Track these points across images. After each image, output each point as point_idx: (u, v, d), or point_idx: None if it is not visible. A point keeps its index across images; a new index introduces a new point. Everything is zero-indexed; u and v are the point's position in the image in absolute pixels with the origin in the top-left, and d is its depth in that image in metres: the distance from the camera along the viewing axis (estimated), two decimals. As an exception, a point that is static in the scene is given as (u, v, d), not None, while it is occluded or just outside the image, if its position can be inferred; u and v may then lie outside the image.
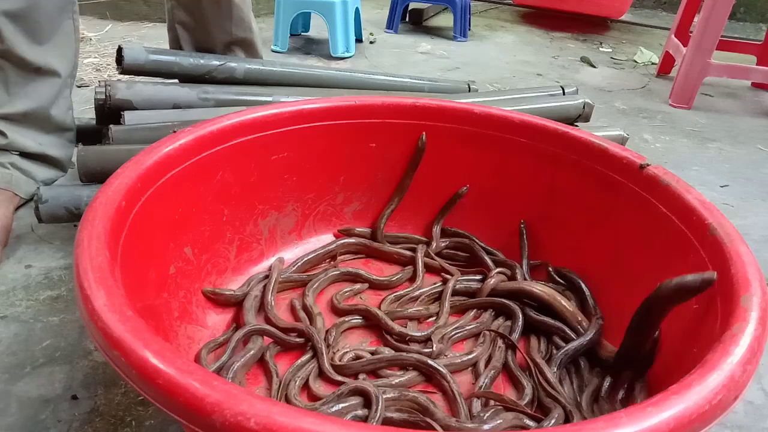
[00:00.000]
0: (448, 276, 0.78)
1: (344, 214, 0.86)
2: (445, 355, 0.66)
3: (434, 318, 0.72)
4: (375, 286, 0.78)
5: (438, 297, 0.76)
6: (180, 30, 1.12)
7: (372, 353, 0.65)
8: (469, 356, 0.65)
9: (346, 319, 0.70)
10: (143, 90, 0.99)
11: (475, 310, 0.73)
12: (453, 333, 0.69)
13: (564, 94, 1.19)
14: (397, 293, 0.75)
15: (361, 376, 0.62)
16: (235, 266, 0.75)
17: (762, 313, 0.46)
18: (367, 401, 0.55)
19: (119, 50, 1.02)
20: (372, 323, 0.70)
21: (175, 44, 1.14)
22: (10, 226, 0.87)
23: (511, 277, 0.76)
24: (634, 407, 0.37)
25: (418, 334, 0.67)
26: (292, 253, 0.81)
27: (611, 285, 0.72)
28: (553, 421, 0.55)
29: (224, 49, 1.13)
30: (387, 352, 0.65)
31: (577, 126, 0.96)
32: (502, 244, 0.83)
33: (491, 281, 0.74)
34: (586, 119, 1.14)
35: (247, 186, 0.75)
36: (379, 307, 0.72)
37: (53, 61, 0.93)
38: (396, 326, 0.67)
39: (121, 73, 1.05)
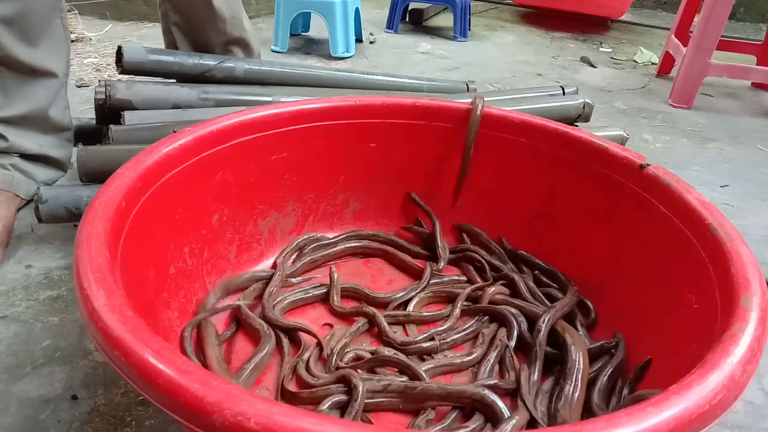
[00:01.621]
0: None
1: (344, 214, 0.86)
2: (445, 356, 0.66)
3: (444, 319, 0.72)
4: (373, 302, 0.75)
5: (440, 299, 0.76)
6: (176, 32, 1.12)
7: (372, 353, 0.65)
8: (469, 357, 0.65)
9: (354, 329, 0.69)
10: (143, 90, 0.99)
11: (477, 317, 0.73)
12: (454, 334, 0.69)
13: (564, 94, 1.19)
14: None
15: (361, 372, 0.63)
16: (235, 266, 0.75)
17: (762, 313, 0.46)
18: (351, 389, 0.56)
19: (119, 50, 1.02)
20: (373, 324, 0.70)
21: (172, 47, 1.14)
22: (12, 227, 0.87)
23: (512, 288, 0.76)
24: (634, 407, 0.37)
25: (420, 337, 0.67)
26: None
27: (611, 285, 0.72)
28: (512, 423, 0.54)
29: (222, 49, 1.13)
30: (387, 352, 0.65)
31: (577, 126, 0.96)
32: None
33: (491, 290, 0.74)
34: (586, 119, 1.14)
35: (247, 186, 0.75)
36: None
37: (48, 61, 0.93)
38: (398, 336, 0.67)
39: (120, 72, 1.05)
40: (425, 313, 0.72)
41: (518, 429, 0.53)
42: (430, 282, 0.77)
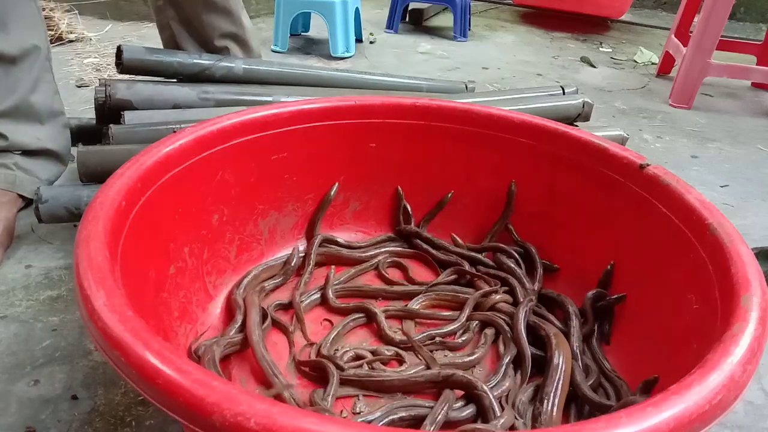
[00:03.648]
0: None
1: (344, 214, 0.86)
2: (445, 356, 0.66)
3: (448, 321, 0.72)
4: (371, 295, 0.76)
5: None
6: (175, 26, 1.11)
7: (372, 353, 0.65)
8: (470, 357, 0.65)
9: (340, 327, 0.69)
10: (143, 90, 0.99)
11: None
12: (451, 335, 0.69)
13: (564, 93, 1.19)
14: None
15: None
16: (235, 266, 0.75)
17: (762, 313, 0.46)
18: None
19: (119, 49, 1.02)
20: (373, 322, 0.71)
21: (171, 43, 1.13)
22: (13, 228, 0.87)
23: (512, 294, 0.75)
24: (634, 407, 0.37)
25: (418, 336, 0.67)
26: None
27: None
28: (500, 423, 0.54)
29: (217, 44, 1.13)
30: (387, 351, 0.65)
31: (576, 126, 0.96)
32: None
33: (496, 297, 0.73)
34: (586, 119, 1.14)
35: (247, 186, 0.75)
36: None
37: (26, 44, 0.91)
38: (396, 336, 0.67)
39: (120, 72, 1.05)
40: (442, 313, 0.72)
41: (504, 429, 0.54)
42: (435, 285, 0.77)
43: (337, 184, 0.79)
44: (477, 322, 0.71)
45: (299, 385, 0.62)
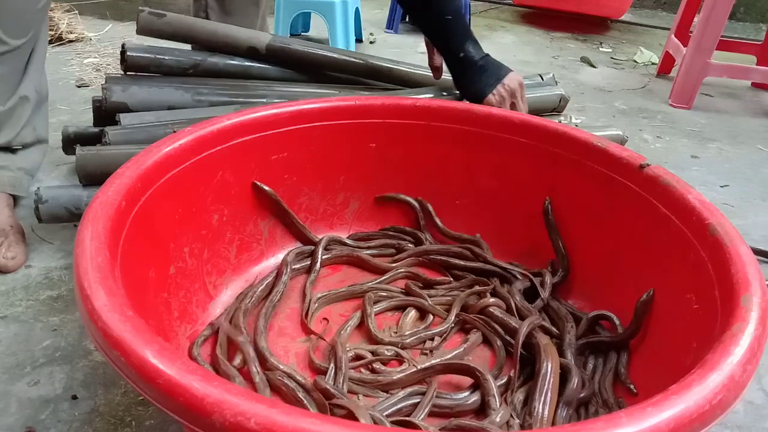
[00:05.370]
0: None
1: (344, 214, 0.86)
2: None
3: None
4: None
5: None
6: (211, 1, 1.13)
7: (372, 353, 0.65)
8: (465, 345, 0.66)
9: (349, 323, 0.70)
10: (138, 92, 0.98)
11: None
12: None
13: (542, 80, 1.17)
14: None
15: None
16: (235, 266, 0.75)
17: (762, 313, 0.46)
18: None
19: (123, 48, 1.02)
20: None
21: (203, 14, 1.14)
22: (16, 225, 0.86)
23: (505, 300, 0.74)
24: (634, 407, 0.37)
25: (410, 339, 0.67)
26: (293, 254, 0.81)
27: (611, 285, 0.72)
28: (499, 415, 0.55)
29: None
30: (387, 351, 0.65)
31: (561, 117, 0.95)
32: (501, 244, 0.83)
33: (489, 300, 0.72)
34: (561, 111, 1.12)
35: (247, 186, 0.75)
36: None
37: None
38: (387, 338, 0.67)
39: (125, 71, 1.04)
40: (437, 308, 0.73)
41: (501, 423, 0.54)
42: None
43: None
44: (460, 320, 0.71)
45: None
